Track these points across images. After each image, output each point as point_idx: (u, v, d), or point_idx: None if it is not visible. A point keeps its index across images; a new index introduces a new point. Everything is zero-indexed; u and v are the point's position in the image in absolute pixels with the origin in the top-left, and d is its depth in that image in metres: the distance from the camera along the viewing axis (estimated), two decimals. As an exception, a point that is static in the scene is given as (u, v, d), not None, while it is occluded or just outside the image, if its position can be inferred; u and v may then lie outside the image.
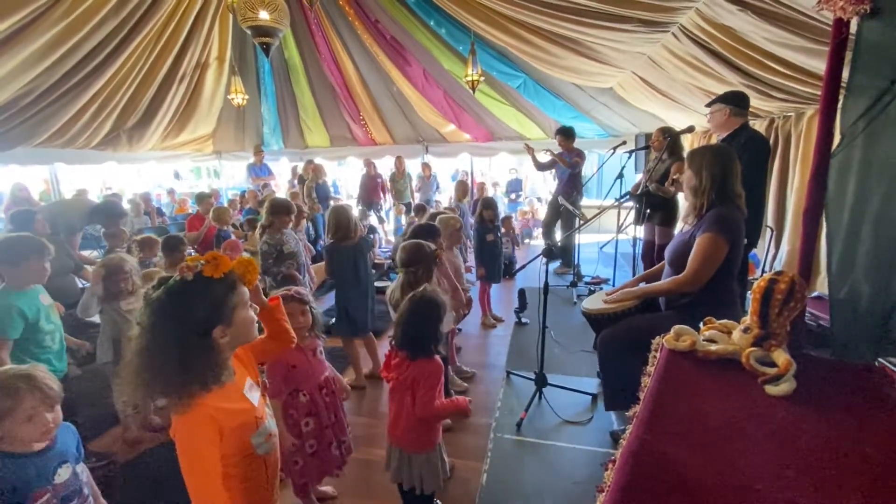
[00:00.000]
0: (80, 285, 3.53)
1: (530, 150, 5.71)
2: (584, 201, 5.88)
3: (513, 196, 9.66)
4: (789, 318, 1.20)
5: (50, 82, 4.45)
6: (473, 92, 5.03)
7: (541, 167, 5.81)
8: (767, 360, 1.19)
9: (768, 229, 3.80)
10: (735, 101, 2.73)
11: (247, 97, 6.04)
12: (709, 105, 2.84)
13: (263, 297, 1.27)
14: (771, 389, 1.11)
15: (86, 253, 4.32)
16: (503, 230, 4.81)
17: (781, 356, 1.15)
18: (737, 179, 1.95)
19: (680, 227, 2.16)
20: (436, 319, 1.68)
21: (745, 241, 2.68)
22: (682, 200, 3.27)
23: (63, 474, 1.25)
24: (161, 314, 0.99)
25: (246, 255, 4.23)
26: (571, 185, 5.43)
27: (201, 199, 5.67)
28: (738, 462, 0.88)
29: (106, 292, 2.42)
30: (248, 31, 3.95)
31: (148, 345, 0.98)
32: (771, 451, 0.91)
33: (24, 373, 1.22)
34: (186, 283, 1.02)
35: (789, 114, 3.69)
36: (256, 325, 1.16)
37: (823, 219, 1.42)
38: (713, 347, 1.29)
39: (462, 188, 6.33)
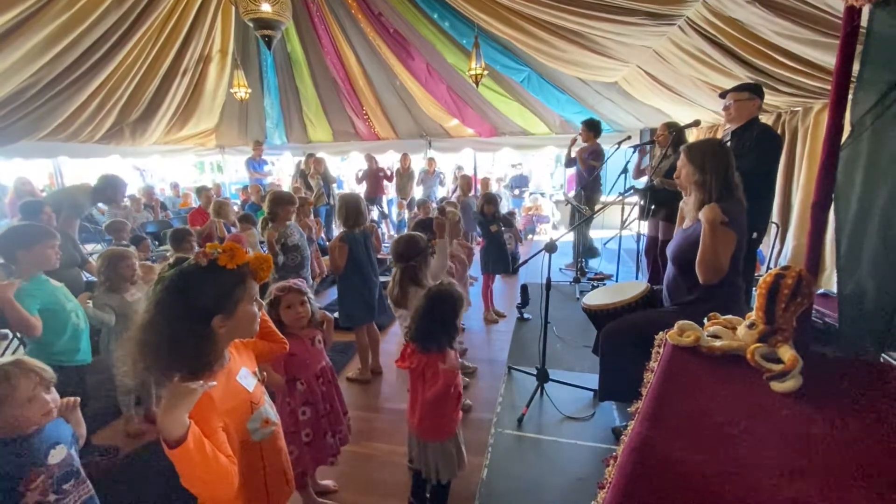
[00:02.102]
0: (86, 278, 3.55)
1: (572, 142, 5.52)
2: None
3: (516, 192, 9.61)
4: (796, 314, 1.18)
5: (52, 75, 4.45)
6: (477, 86, 4.99)
7: (568, 162, 5.60)
8: (773, 357, 1.17)
9: (773, 225, 3.77)
10: (762, 94, 2.73)
11: (249, 91, 6.02)
12: (734, 91, 2.74)
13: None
14: (776, 386, 1.09)
15: (89, 247, 4.33)
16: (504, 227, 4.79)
17: (787, 352, 1.13)
18: (734, 171, 1.96)
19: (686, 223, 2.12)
20: (452, 314, 1.71)
21: (755, 234, 2.67)
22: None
23: (57, 455, 1.26)
24: (167, 293, 1.01)
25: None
26: (592, 183, 5.21)
27: (201, 192, 5.68)
28: (743, 460, 0.86)
29: (111, 281, 2.42)
30: (251, 24, 3.94)
31: (150, 320, 1.00)
32: (776, 448, 0.89)
33: (12, 360, 1.26)
34: (199, 268, 1.04)
35: (796, 108, 3.64)
36: (258, 321, 1.16)
37: (832, 213, 1.40)
38: (717, 343, 1.28)
39: (466, 183, 6.30)
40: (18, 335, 2.92)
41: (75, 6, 3.77)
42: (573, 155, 5.45)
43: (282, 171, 10.85)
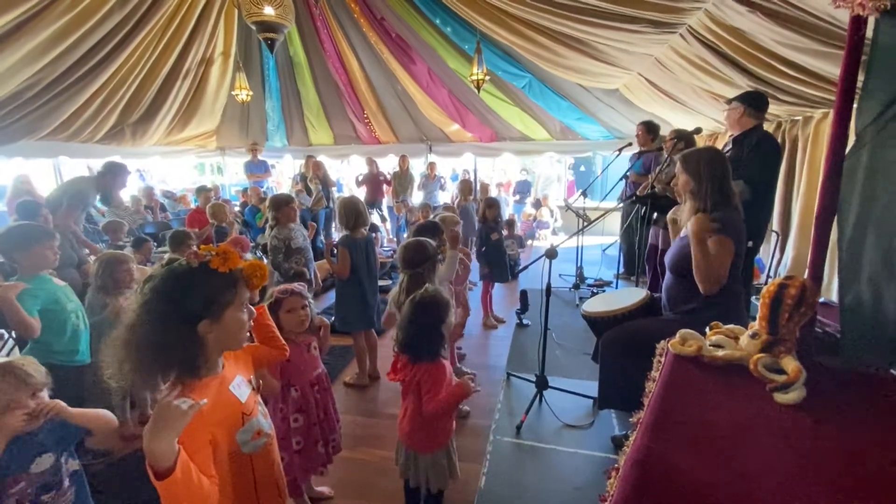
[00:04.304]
0: (83, 279, 3.53)
1: (627, 146, 4.91)
2: (587, 203, 5.76)
3: (517, 197, 9.62)
4: (799, 324, 1.17)
5: (54, 75, 4.44)
6: (478, 91, 5.00)
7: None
8: (776, 367, 1.16)
9: (773, 234, 3.77)
10: (750, 102, 2.74)
11: (251, 93, 6.03)
12: (732, 100, 2.82)
13: (255, 297, 1.24)
14: (780, 397, 1.08)
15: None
16: (506, 232, 4.78)
17: (791, 363, 1.12)
18: (730, 179, 1.97)
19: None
20: (438, 321, 1.67)
21: (751, 243, 2.67)
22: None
23: (42, 464, 1.24)
24: (154, 293, 0.98)
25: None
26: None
27: (200, 191, 5.67)
28: (748, 472, 0.85)
29: (106, 284, 2.40)
30: (253, 27, 3.95)
31: (136, 320, 0.97)
32: (780, 461, 0.88)
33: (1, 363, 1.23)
34: (189, 270, 1.01)
35: (797, 118, 3.65)
36: (247, 330, 1.13)
37: (835, 223, 1.40)
38: (720, 353, 1.26)
39: (466, 188, 6.29)
40: (13, 335, 2.90)
41: (79, 6, 3.77)
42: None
43: (282, 173, 10.84)
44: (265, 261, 3.49)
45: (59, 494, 1.28)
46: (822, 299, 3.05)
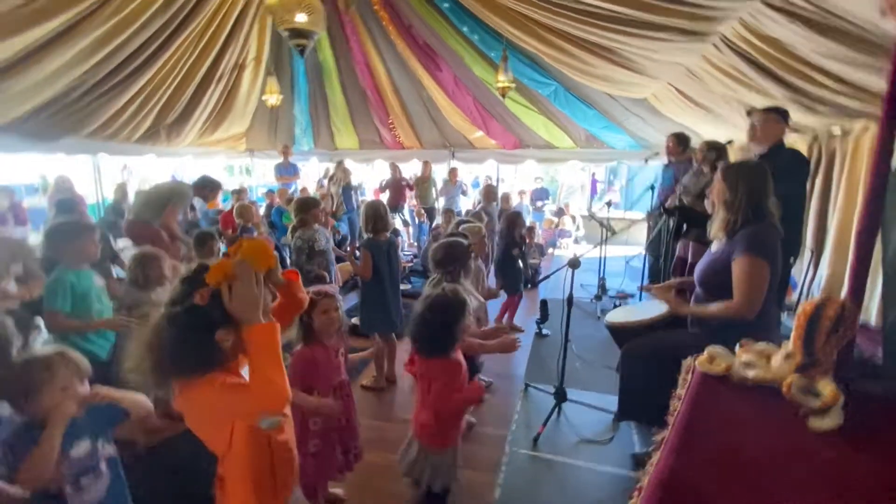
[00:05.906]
0: (115, 274, 3.66)
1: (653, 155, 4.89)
2: (612, 213, 5.67)
3: (538, 204, 9.55)
4: (837, 347, 1.11)
5: (98, 77, 4.64)
6: (503, 98, 4.99)
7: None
8: (811, 390, 1.10)
9: (808, 251, 3.62)
10: (787, 117, 2.69)
11: (281, 97, 6.17)
12: (764, 112, 2.71)
13: (279, 276, 1.30)
14: (815, 423, 1.03)
15: (120, 243, 4.45)
16: (528, 241, 4.74)
17: (827, 386, 1.07)
18: (771, 198, 1.90)
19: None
20: (452, 320, 1.68)
21: (792, 259, 2.57)
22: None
23: (80, 448, 1.30)
24: (178, 308, 1.06)
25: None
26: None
27: (234, 193, 5.79)
28: (779, 501, 0.81)
29: (139, 281, 2.49)
30: (285, 34, 4.04)
31: (159, 328, 1.05)
32: (815, 492, 0.84)
33: (57, 349, 1.33)
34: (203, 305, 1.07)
35: (834, 129, 3.51)
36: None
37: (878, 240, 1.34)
38: (751, 373, 1.21)
39: (490, 192, 6.27)
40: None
41: (122, 12, 3.94)
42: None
43: (307, 176, 11.05)
44: (287, 261, 3.54)
45: (97, 478, 1.35)
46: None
